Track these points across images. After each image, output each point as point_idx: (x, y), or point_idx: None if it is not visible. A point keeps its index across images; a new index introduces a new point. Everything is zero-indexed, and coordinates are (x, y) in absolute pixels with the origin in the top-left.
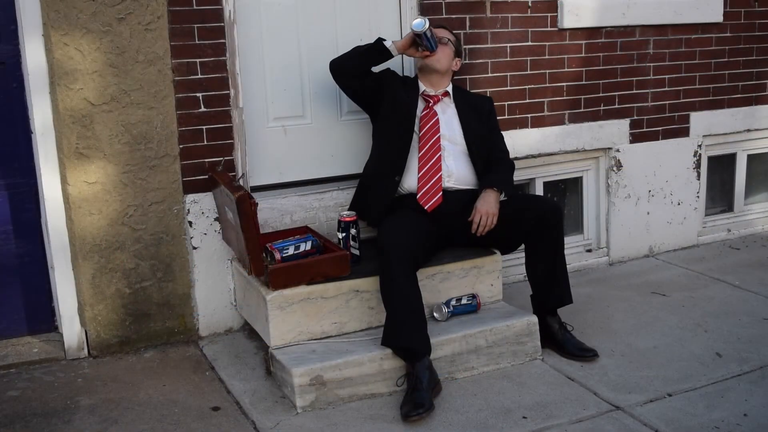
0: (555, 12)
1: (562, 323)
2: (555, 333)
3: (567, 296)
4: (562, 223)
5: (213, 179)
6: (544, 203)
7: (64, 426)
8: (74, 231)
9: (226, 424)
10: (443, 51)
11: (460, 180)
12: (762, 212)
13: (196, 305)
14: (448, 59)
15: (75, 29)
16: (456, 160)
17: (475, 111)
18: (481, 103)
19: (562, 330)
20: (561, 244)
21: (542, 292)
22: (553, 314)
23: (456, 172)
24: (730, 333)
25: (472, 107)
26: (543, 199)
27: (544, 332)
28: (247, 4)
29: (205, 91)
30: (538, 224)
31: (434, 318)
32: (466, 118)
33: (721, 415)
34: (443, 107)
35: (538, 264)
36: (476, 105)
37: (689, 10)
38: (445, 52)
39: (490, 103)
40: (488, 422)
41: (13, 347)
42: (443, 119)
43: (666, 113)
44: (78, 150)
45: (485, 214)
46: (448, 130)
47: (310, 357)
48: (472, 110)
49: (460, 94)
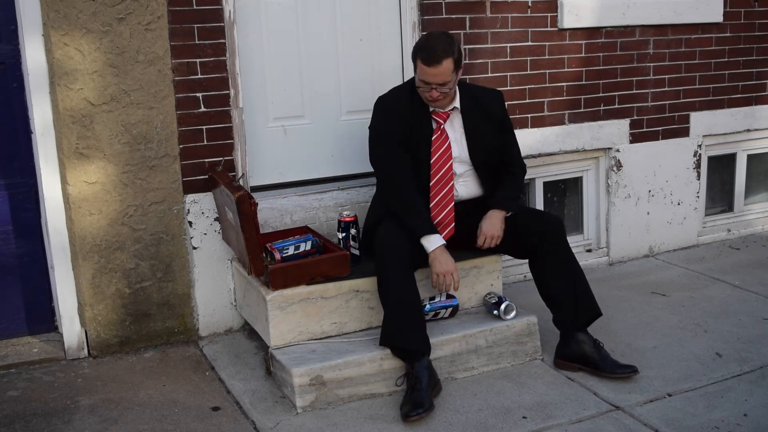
0: (555, 12)
1: (596, 341)
2: (590, 352)
3: (597, 307)
4: (565, 236)
5: (213, 179)
6: (545, 220)
7: (64, 426)
8: (74, 231)
9: (226, 424)
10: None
11: (467, 197)
12: (762, 212)
13: (196, 305)
14: (453, 90)
15: (75, 29)
16: (465, 181)
17: (487, 119)
18: (492, 105)
19: (596, 349)
20: (571, 256)
21: (567, 310)
22: (584, 331)
23: (465, 194)
24: (730, 333)
25: (483, 114)
26: (544, 216)
27: (575, 352)
28: (247, 4)
29: (205, 91)
30: (542, 242)
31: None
32: (472, 133)
33: (721, 415)
34: (452, 122)
35: (550, 282)
36: (488, 111)
37: (689, 10)
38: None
39: (500, 102)
40: (488, 422)
41: (13, 347)
42: (453, 138)
43: (666, 113)
44: (78, 150)
45: (490, 236)
46: (458, 149)
47: (310, 357)
48: (482, 118)
49: (468, 98)
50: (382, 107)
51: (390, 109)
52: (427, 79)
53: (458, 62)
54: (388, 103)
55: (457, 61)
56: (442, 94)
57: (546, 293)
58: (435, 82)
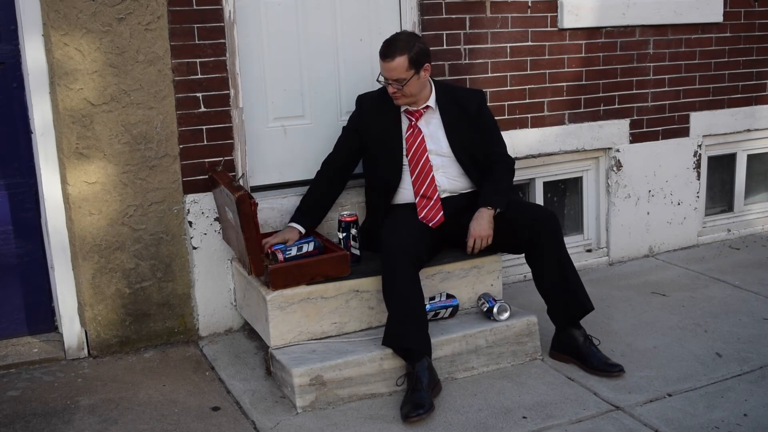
0: (555, 12)
1: (587, 336)
2: (579, 346)
3: (587, 302)
4: (560, 230)
5: (213, 179)
6: (538, 214)
7: (64, 426)
8: (74, 231)
9: (226, 424)
10: (400, 92)
11: (455, 190)
12: (762, 212)
13: (196, 305)
14: (411, 89)
15: (75, 29)
16: (446, 172)
17: (463, 114)
18: (469, 102)
19: (587, 343)
20: (564, 251)
21: (559, 305)
22: (577, 326)
23: (449, 186)
24: (730, 333)
25: (460, 111)
26: (537, 210)
27: (567, 344)
28: (247, 4)
29: (205, 91)
30: (535, 237)
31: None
32: (451, 127)
33: (721, 415)
34: (427, 119)
35: (545, 276)
36: (464, 106)
37: (689, 10)
38: (405, 89)
39: (479, 99)
40: (488, 422)
41: (13, 347)
42: (428, 132)
43: (666, 113)
44: (78, 150)
45: (479, 237)
46: (433, 143)
47: (310, 357)
48: (459, 114)
49: (446, 97)
50: (356, 102)
51: (359, 105)
52: (383, 72)
53: (415, 62)
54: (361, 99)
55: (412, 60)
56: (399, 92)
57: (540, 286)
58: (390, 78)
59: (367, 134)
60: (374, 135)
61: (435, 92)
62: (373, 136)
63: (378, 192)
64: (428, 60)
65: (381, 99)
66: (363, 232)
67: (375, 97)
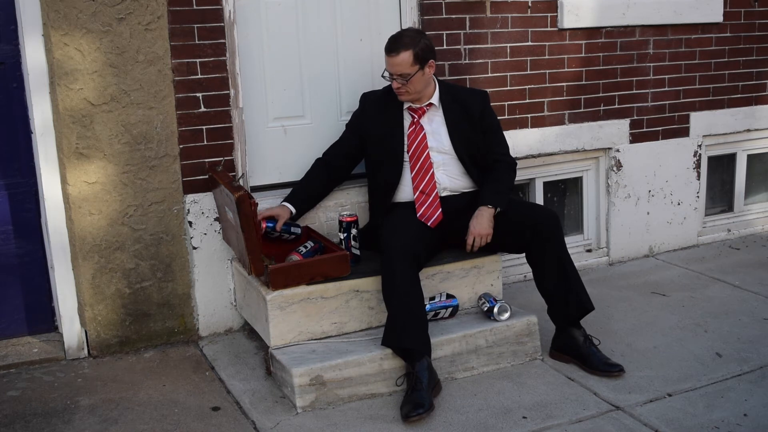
0: (555, 12)
1: (587, 336)
2: (579, 346)
3: (588, 302)
4: (561, 230)
5: (213, 179)
6: (539, 214)
7: (64, 426)
8: (74, 231)
9: (226, 424)
10: (404, 88)
11: (455, 188)
12: (762, 212)
13: (196, 305)
14: (415, 85)
15: (75, 29)
16: (447, 169)
17: (466, 114)
18: (472, 102)
19: (587, 343)
20: (564, 252)
21: (559, 305)
22: (577, 326)
23: (450, 184)
24: (730, 333)
25: (462, 110)
26: (538, 210)
27: (567, 344)
28: (247, 4)
29: (205, 91)
30: (536, 236)
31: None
32: (454, 125)
33: (721, 415)
34: (430, 117)
35: (545, 276)
36: (467, 106)
37: (689, 10)
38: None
39: (482, 99)
40: (488, 422)
41: (13, 347)
42: (430, 130)
43: (666, 113)
44: (78, 150)
45: (478, 235)
46: (435, 141)
47: (310, 357)
48: (461, 114)
49: (450, 96)
50: (360, 100)
51: (363, 102)
52: (388, 67)
53: (420, 58)
54: (365, 97)
55: (417, 55)
56: (403, 87)
57: (541, 286)
58: (394, 72)
59: (368, 131)
60: (376, 131)
61: (439, 90)
62: (375, 132)
63: (379, 190)
64: (433, 57)
65: (385, 97)
66: (366, 232)
67: (379, 95)
